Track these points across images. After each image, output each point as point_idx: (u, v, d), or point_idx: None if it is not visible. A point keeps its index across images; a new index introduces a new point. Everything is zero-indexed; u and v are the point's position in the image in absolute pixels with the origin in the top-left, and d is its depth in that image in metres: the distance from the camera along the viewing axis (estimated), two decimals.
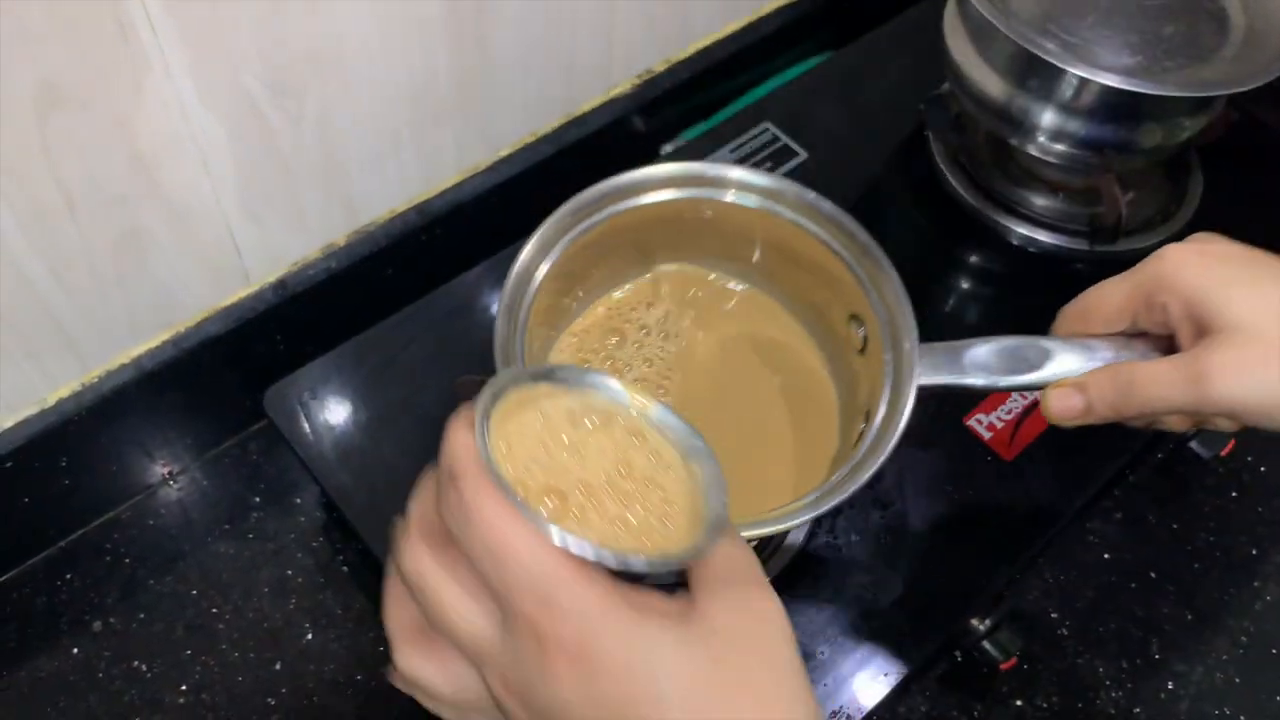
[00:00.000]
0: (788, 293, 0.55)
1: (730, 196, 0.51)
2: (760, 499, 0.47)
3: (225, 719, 0.59)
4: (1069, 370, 0.48)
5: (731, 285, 0.56)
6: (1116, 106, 0.63)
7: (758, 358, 0.55)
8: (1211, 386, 0.44)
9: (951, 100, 0.72)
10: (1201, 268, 0.46)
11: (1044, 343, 0.48)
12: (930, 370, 0.47)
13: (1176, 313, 0.46)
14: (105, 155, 0.50)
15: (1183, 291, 0.46)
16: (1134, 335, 0.49)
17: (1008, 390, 0.48)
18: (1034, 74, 0.64)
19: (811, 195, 0.50)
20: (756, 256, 0.54)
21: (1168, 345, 0.48)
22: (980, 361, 0.47)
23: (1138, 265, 0.48)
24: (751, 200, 0.51)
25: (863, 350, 0.51)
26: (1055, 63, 0.61)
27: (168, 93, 0.50)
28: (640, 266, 0.56)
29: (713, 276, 0.56)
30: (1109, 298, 0.49)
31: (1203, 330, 0.45)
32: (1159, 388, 0.45)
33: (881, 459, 0.45)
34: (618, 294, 0.56)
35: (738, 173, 0.51)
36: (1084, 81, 0.61)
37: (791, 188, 0.50)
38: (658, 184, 0.51)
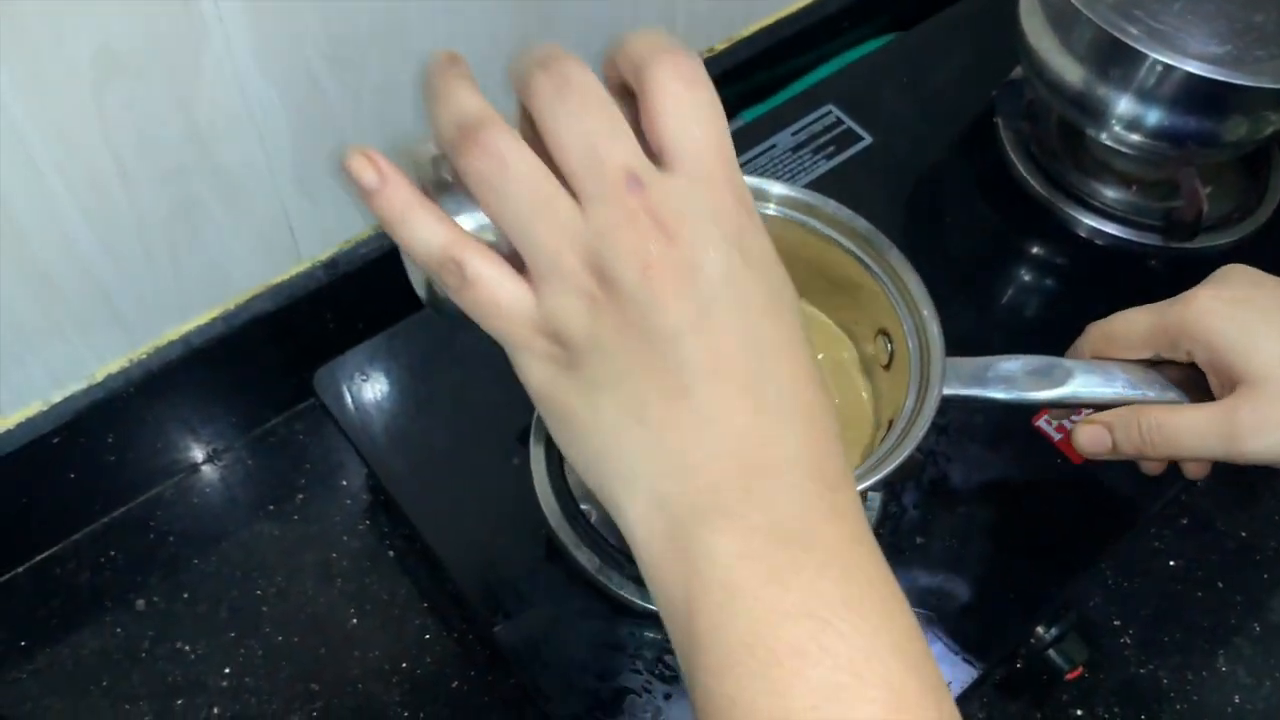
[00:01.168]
0: (819, 307, 0.55)
1: (770, 210, 0.51)
2: None
3: (268, 703, 0.58)
4: (1089, 390, 0.49)
5: None
6: (1201, 97, 0.60)
7: None
8: (1244, 443, 0.45)
9: (1024, 86, 0.69)
10: (1227, 317, 0.46)
11: (1066, 363, 0.50)
12: (955, 381, 0.48)
13: (1202, 358, 0.47)
14: (161, 125, 0.48)
15: (1207, 339, 0.46)
16: (1156, 363, 0.50)
17: (1029, 405, 0.49)
18: (1115, 60, 0.61)
19: (847, 212, 0.50)
20: (792, 272, 0.53)
21: (1189, 375, 0.49)
22: (1004, 375, 0.49)
23: (1165, 303, 0.49)
24: (786, 214, 0.51)
25: (888, 366, 0.51)
26: (1139, 48, 0.58)
27: (227, 63, 0.48)
28: None
29: None
30: (1135, 328, 0.50)
31: (1230, 380, 0.46)
32: (1191, 438, 0.47)
33: (898, 462, 0.44)
34: None
35: (777, 187, 0.51)
36: (1168, 69, 0.59)
37: (826, 204, 0.50)
38: None
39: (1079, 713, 0.61)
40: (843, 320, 0.54)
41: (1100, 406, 0.50)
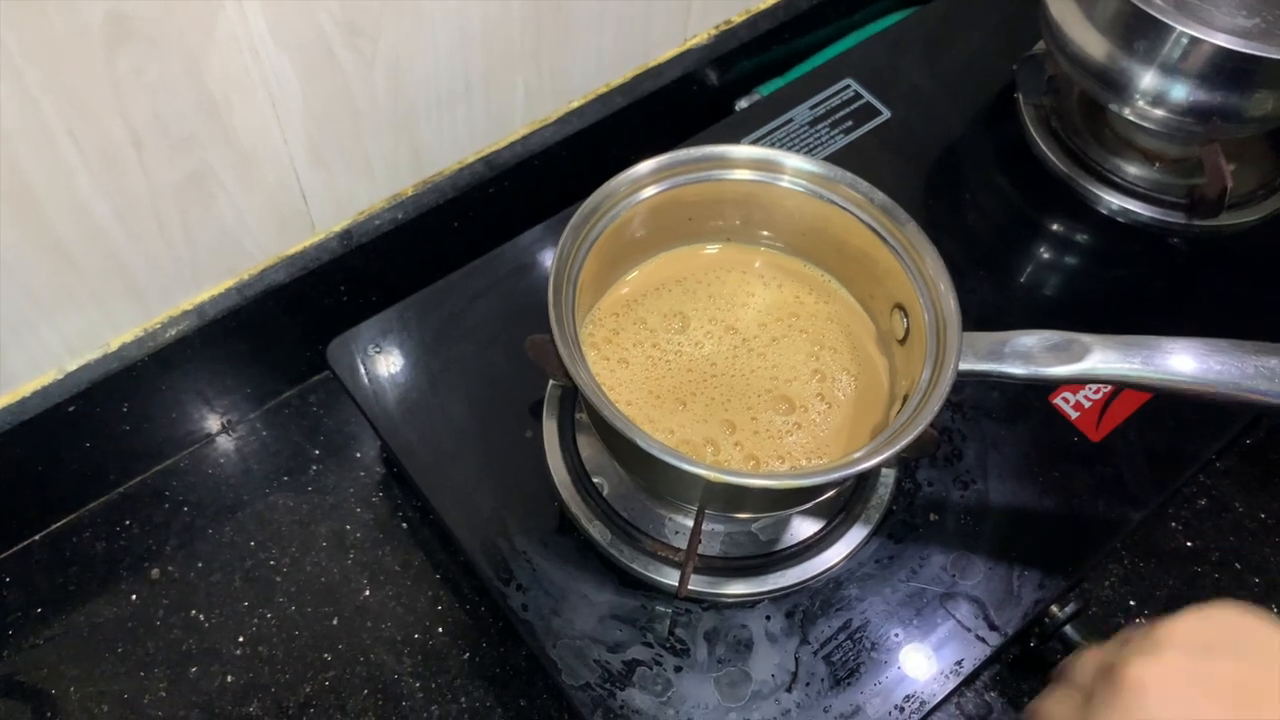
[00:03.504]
0: (838, 279, 0.55)
1: (785, 182, 0.51)
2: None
3: (282, 672, 0.58)
4: (1107, 366, 0.46)
5: (786, 262, 0.55)
6: (1228, 70, 0.59)
7: (809, 328, 0.53)
8: None
9: (1046, 61, 0.68)
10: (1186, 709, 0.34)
11: (1084, 338, 0.47)
12: (971, 356, 0.46)
13: None
14: (174, 94, 0.48)
15: None
16: None
17: (1046, 381, 0.48)
18: (1140, 33, 0.60)
19: (865, 185, 0.50)
20: (806, 243, 0.54)
21: None
22: (1021, 351, 0.47)
23: (1101, 678, 0.37)
24: (805, 187, 0.51)
25: (904, 340, 0.50)
26: (1165, 20, 0.57)
27: (239, 29, 0.48)
28: (688, 241, 0.55)
29: (768, 252, 0.55)
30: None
31: None
32: None
33: (912, 436, 0.43)
34: (668, 259, 0.55)
35: (793, 160, 0.51)
36: (1195, 42, 0.58)
37: (845, 177, 0.50)
38: (715, 163, 0.51)
39: None
40: (859, 294, 0.54)
41: (1119, 383, 0.49)
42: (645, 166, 0.49)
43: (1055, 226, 0.68)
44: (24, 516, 0.61)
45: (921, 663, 0.51)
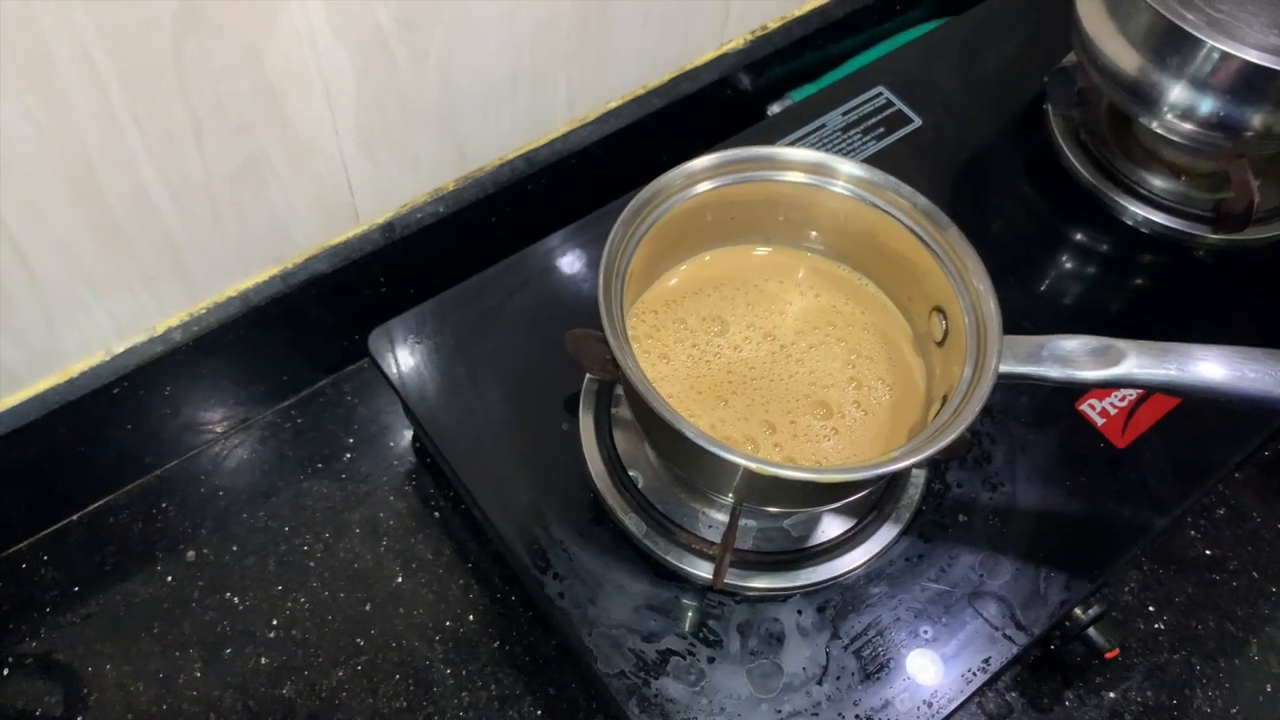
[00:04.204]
0: (877, 282, 0.56)
1: (837, 187, 0.52)
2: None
3: (315, 655, 0.59)
4: (1143, 371, 0.47)
5: (827, 267, 0.56)
6: (1258, 86, 0.60)
7: (846, 336, 0.54)
8: None
9: (1076, 73, 0.69)
10: None
11: (1120, 344, 0.48)
12: (1010, 359, 0.47)
13: None
14: (235, 81, 0.49)
15: None
16: None
17: (1081, 385, 0.48)
18: (1172, 47, 0.61)
19: (908, 189, 0.51)
20: (849, 246, 0.55)
21: None
22: (1060, 355, 0.48)
23: None
24: (853, 192, 0.52)
25: (942, 342, 0.51)
26: (1198, 35, 0.58)
27: (300, 21, 0.49)
28: (735, 240, 0.56)
29: (807, 255, 0.56)
30: None
31: None
32: None
33: (953, 436, 0.44)
34: (714, 258, 0.56)
35: (845, 165, 0.52)
36: (1226, 57, 0.59)
37: (890, 182, 0.51)
38: (768, 163, 0.52)
39: (1111, 695, 0.62)
40: (898, 297, 0.55)
41: (1152, 388, 0.50)
42: (701, 162, 0.50)
43: (1081, 236, 0.69)
44: (63, 496, 0.62)
45: (949, 660, 0.52)
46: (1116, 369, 0.48)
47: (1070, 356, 0.48)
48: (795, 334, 0.54)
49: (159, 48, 0.45)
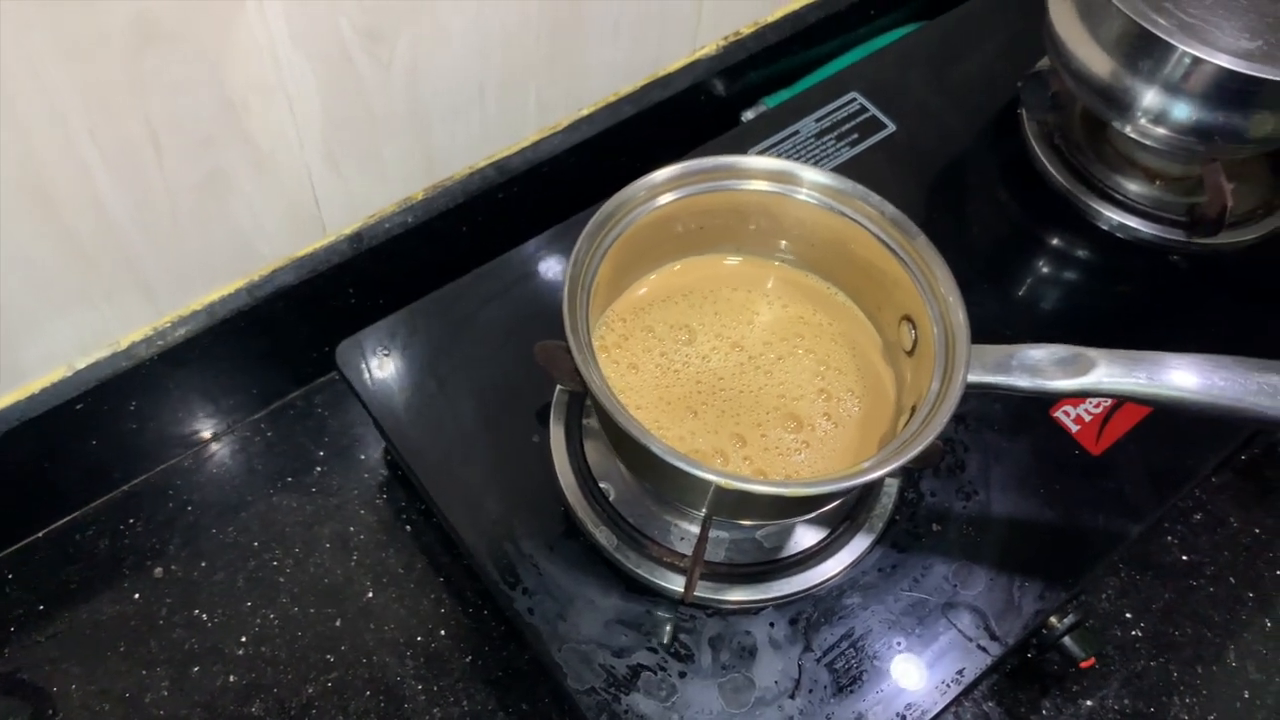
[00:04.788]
0: (846, 291, 0.56)
1: (800, 195, 0.52)
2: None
3: (284, 672, 0.59)
4: (1112, 380, 0.47)
5: (795, 277, 0.56)
6: (1230, 91, 0.60)
7: (815, 347, 0.54)
8: None
9: (1050, 77, 0.69)
10: None
11: (1090, 353, 0.48)
12: (979, 368, 0.47)
13: None
14: (194, 94, 0.49)
15: None
16: None
17: (1050, 395, 0.48)
18: (1144, 52, 0.61)
19: (876, 198, 0.51)
20: (818, 255, 0.55)
21: None
22: (1028, 364, 0.48)
23: None
24: (819, 200, 0.52)
25: (911, 352, 0.51)
26: (1169, 40, 0.58)
27: (260, 33, 0.48)
28: (703, 250, 0.55)
29: (776, 264, 0.56)
30: None
31: None
32: None
33: (921, 447, 0.44)
34: (682, 267, 0.56)
35: (809, 173, 0.51)
36: (1197, 62, 0.58)
37: (857, 190, 0.51)
38: (731, 173, 0.51)
39: (1089, 703, 0.61)
40: (867, 306, 0.54)
41: (1123, 398, 0.50)
42: (662, 174, 0.50)
43: (1056, 242, 0.69)
44: (29, 513, 0.61)
45: (923, 671, 0.52)
46: (1086, 378, 0.47)
47: (1039, 366, 0.47)
48: (763, 344, 0.54)
49: (114, 62, 0.45)
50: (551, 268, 0.62)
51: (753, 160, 0.51)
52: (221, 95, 0.50)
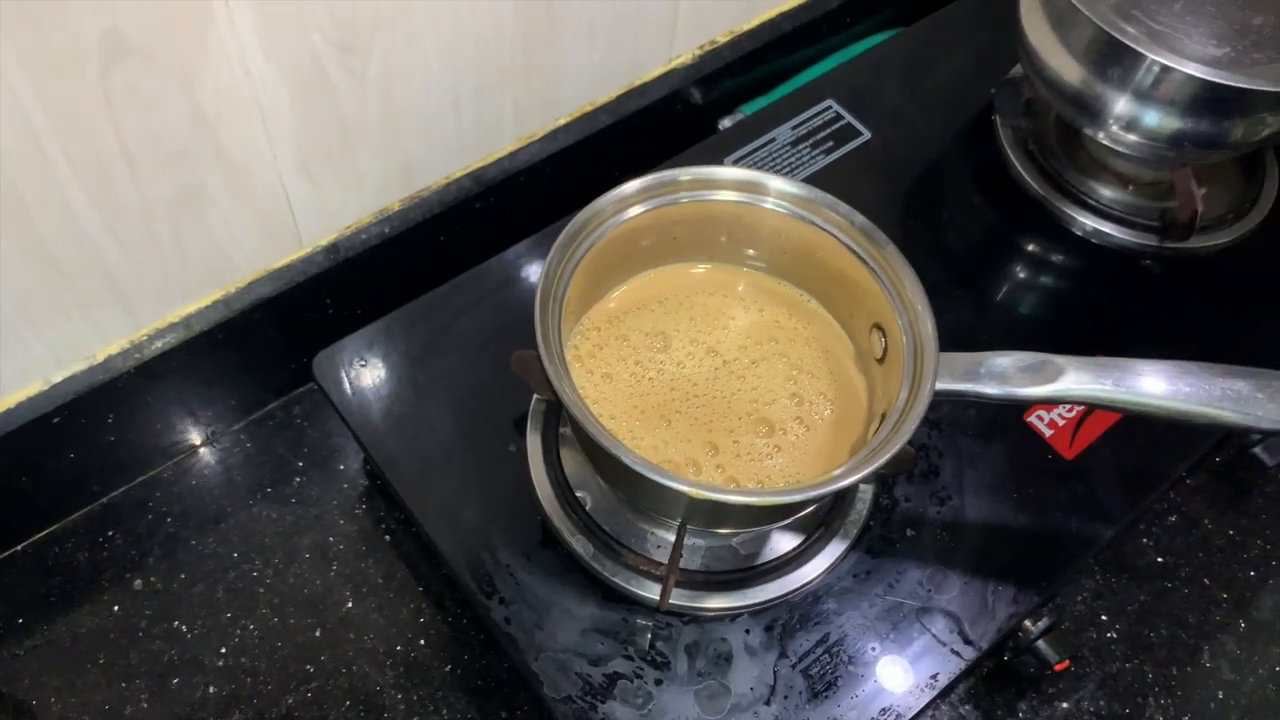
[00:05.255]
0: (819, 299, 0.56)
1: (769, 204, 0.52)
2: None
3: (264, 683, 0.59)
4: (1080, 387, 0.48)
5: (768, 284, 0.56)
6: (1199, 98, 0.60)
7: (788, 351, 0.54)
8: None
9: (1023, 85, 0.70)
10: None
11: (1058, 359, 0.49)
12: (947, 376, 0.48)
13: None
14: (167, 109, 0.49)
15: None
16: None
17: (1020, 402, 0.49)
18: (1115, 60, 0.61)
19: (845, 207, 0.51)
20: (789, 264, 0.55)
21: None
22: (996, 372, 0.48)
23: None
24: (788, 209, 0.52)
25: (882, 360, 0.52)
26: (1138, 49, 0.59)
27: (232, 47, 0.48)
28: (674, 260, 0.56)
29: (749, 272, 0.56)
30: None
31: None
32: None
33: (889, 455, 0.44)
34: (654, 276, 0.56)
35: (777, 182, 0.52)
36: (1166, 70, 0.59)
37: (826, 199, 0.51)
38: (700, 183, 0.52)
39: (1064, 706, 0.62)
40: (839, 314, 0.55)
41: (1090, 404, 0.50)
42: (631, 186, 0.50)
43: (1031, 247, 0.69)
44: (6, 527, 0.61)
45: (898, 676, 0.52)
46: (1054, 385, 0.48)
47: (1007, 373, 0.48)
48: (738, 349, 0.54)
49: (84, 78, 0.45)
50: (529, 277, 0.63)
51: (721, 170, 0.52)
52: (193, 109, 0.50)
